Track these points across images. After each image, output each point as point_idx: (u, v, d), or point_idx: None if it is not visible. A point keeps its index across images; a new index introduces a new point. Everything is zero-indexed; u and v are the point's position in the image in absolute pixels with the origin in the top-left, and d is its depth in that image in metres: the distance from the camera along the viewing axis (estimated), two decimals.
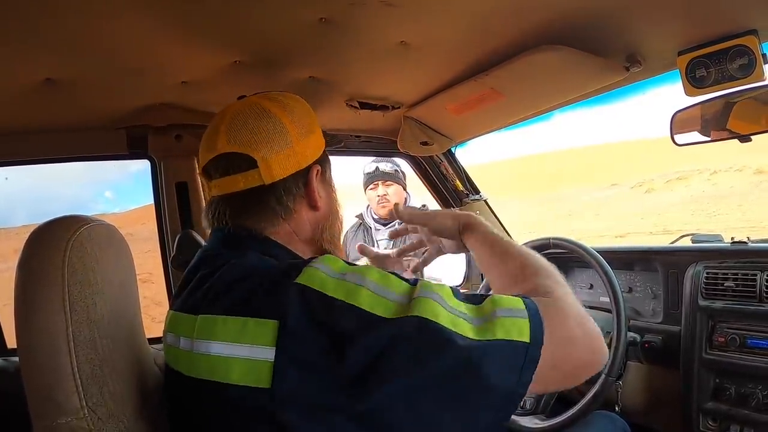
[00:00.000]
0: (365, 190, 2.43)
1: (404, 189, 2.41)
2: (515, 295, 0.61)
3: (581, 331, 0.61)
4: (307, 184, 0.75)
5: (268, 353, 0.56)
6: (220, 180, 0.72)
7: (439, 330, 0.54)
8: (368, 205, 2.49)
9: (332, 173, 0.83)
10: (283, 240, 0.74)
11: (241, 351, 0.57)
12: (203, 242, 1.28)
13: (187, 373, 0.62)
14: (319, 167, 0.77)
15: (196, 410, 0.63)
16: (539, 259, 0.75)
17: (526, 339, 0.56)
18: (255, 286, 0.60)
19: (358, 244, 1.16)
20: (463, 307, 0.59)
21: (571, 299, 0.65)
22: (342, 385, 0.54)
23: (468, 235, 0.85)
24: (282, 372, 0.55)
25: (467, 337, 0.55)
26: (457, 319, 0.56)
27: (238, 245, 0.71)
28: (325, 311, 0.56)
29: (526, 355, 0.55)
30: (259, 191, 0.71)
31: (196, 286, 0.66)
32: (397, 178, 2.36)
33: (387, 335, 0.54)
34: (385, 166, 2.34)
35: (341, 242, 0.85)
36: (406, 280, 0.61)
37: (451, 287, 0.61)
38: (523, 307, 0.58)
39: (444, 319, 0.55)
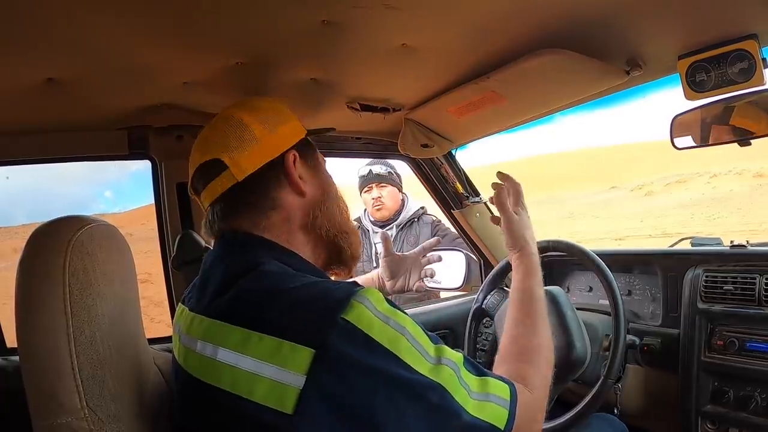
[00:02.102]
0: (360, 193, 2.43)
1: (399, 190, 2.41)
2: (505, 382, 0.71)
3: (534, 428, 0.74)
4: (285, 171, 0.77)
5: (297, 380, 0.56)
6: (204, 191, 0.77)
7: (453, 405, 0.62)
8: (365, 209, 2.49)
9: (320, 158, 0.85)
10: (282, 231, 0.75)
11: (269, 371, 0.57)
12: (203, 243, 1.28)
13: (204, 378, 0.62)
14: (296, 153, 0.79)
15: (207, 416, 0.63)
16: (541, 338, 0.87)
17: (502, 426, 0.66)
18: (296, 308, 0.61)
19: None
20: (469, 378, 0.66)
21: (545, 392, 0.78)
22: (362, 423, 0.57)
23: (517, 261, 1.01)
24: (308, 401, 0.56)
25: (468, 412, 0.63)
26: (464, 393, 0.64)
27: (248, 247, 0.72)
28: (368, 354, 0.58)
29: None
30: (236, 189, 0.74)
31: (219, 290, 0.66)
32: (391, 179, 2.36)
33: (416, 393, 0.60)
34: (379, 168, 2.33)
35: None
36: (429, 336, 0.66)
37: (462, 354, 0.69)
38: (508, 398, 0.68)
39: (459, 394, 0.63)
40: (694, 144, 1.17)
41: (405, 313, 0.64)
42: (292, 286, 0.63)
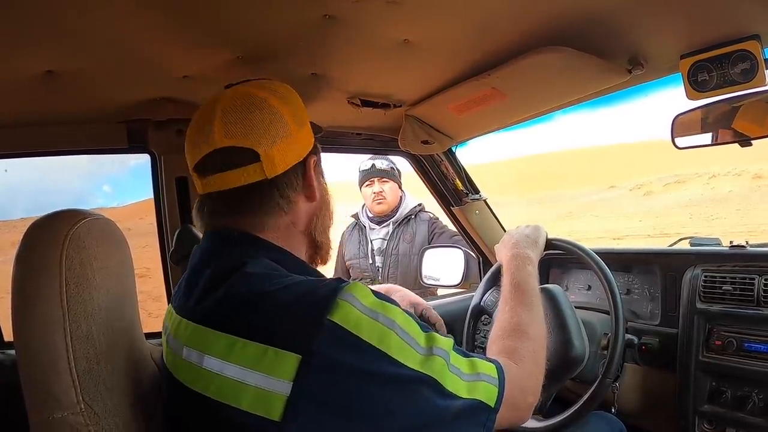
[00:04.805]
0: (360, 188, 2.44)
1: (399, 187, 2.42)
2: (491, 361, 0.71)
3: (527, 400, 0.75)
4: (305, 174, 0.74)
5: (284, 387, 0.55)
6: (216, 176, 0.68)
7: (446, 394, 0.62)
8: (363, 205, 2.49)
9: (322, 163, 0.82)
10: (283, 234, 0.72)
11: (255, 378, 0.56)
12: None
13: (191, 385, 0.61)
14: (315, 157, 0.76)
15: (195, 422, 0.62)
16: (533, 318, 0.89)
17: (492, 404, 0.66)
18: (280, 311, 0.59)
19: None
20: (459, 362, 0.66)
21: (535, 367, 0.79)
22: (357, 425, 0.57)
23: (506, 265, 1.06)
24: (296, 408, 0.55)
25: (460, 397, 0.63)
26: (456, 379, 0.64)
27: (240, 247, 0.68)
28: (357, 356, 0.57)
29: (489, 415, 0.66)
30: (261, 186, 0.69)
31: (205, 293, 0.64)
32: (393, 175, 2.37)
33: (409, 388, 0.59)
34: (382, 163, 2.35)
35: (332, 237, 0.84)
36: (422, 326, 0.65)
37: (451, 339, 0.68)
38: (497, 376, 0.69)
39: (451, 382, 0.62)
40: (695, 144, 1.17)
41: (395, 303, 0.62)
42: (276, 287, 0.61)
